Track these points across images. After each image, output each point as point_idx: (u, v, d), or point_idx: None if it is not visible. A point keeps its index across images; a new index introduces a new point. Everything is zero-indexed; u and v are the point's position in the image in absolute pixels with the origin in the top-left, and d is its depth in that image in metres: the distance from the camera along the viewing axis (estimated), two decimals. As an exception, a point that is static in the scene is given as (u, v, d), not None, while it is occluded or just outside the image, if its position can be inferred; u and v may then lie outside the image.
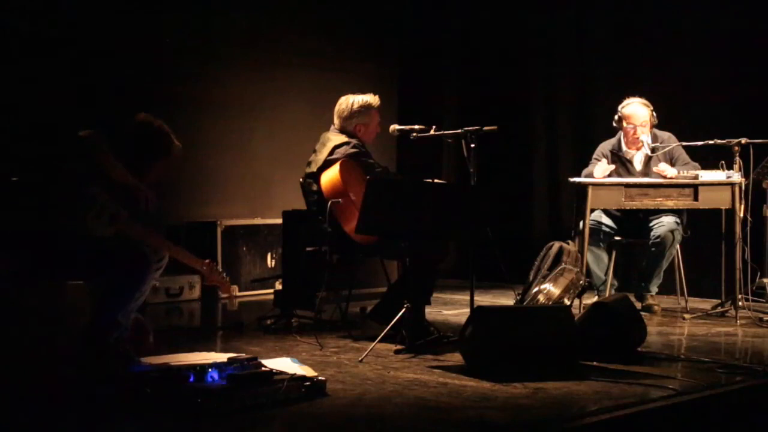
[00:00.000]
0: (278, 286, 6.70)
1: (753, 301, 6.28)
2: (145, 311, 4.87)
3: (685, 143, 6.38)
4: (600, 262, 6.47)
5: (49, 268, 4.31)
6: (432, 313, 6.01)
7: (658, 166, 6.25)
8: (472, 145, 5.18)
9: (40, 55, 6.34)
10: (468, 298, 5.14)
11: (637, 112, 6.42)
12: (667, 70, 7.44)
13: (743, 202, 6.02)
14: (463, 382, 4.19)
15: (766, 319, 5.91)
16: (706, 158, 6.32)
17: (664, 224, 6.29)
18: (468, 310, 5.00)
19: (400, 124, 5.68)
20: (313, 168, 5.50)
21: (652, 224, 6.36)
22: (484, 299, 6.87)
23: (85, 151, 4.33)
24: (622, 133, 6.52)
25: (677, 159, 6.42)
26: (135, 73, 6.72)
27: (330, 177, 5.36)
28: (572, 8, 8.24)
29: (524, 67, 8.57)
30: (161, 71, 7.03)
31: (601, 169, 6.29)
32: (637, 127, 6.40)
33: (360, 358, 4.65)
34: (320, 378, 3.93)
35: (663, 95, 6.73)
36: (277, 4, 7.91)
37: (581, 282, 5.80)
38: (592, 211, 6.25)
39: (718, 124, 6.73)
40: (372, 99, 5.62)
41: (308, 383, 3.86)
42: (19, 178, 4.51)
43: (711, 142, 6.07)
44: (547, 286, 5.69)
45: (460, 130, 5.28)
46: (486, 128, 5.23)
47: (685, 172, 6.14)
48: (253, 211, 7.62)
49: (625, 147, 6.51)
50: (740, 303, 6.03)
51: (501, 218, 6.98)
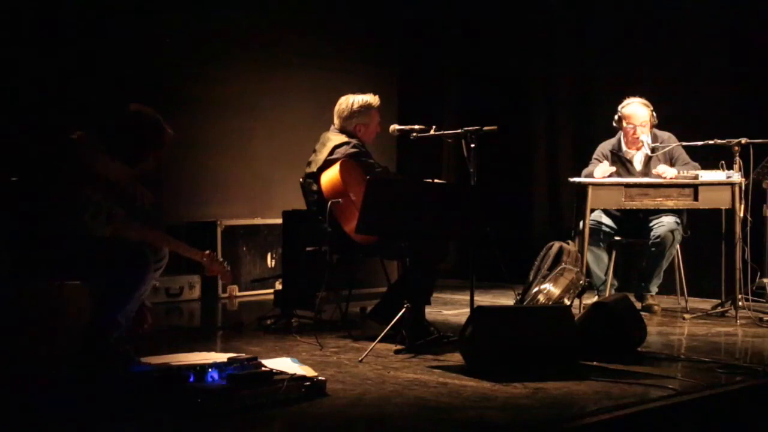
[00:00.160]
0: (278, 286, 6.70)
1: (753, 301, 6.28)
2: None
3: (685, 143, 6.38)
4: (600, 262, 6.47)
5: (49, 268, 4.32)
6: (432, 313, 6.01)
7: (657, 168, 6.25)
8: (472, 145, 5.18)
9: (39, 55, 6.34)
10: (468, 298, 5.13)
11: (637, 112, 6.43)
12: (667, 70, 7.44)
13: (743, 202, 6.02)
14: (463, 382, 4.18)
15: (766, 319, 5.91)
16: (706, 158, 6.31)
17: (664, 224, 6.29)
18: (468, 310, 4.99)
19: (400, 124, 5.68)
20: (313, 168, 5.50)
21: (652, 224, 6.36)
22: (484, 299, 6.87)
23: (78, 153, 4.33)
24: (622, 133, 6.52)
25: (677, 159, 6.42)
26: (135, 73, 6.72)
27: (330, 177, 5.36)
28: (572, 8, 8.24)
29: (524, 67, 8.57)
30: (161, 71, 7.03)
31: (602, 171, 6.28)
32: (637, 127, 6.40)
33: (360, 358, 4.65)
34: (320, 378, 3.93)
35: (663, 95, 6.74)
36: (277, 4, 7.91)
37: (581, 282, 5.80)
38: (592, 211, 6.25)
39: (718, 124, 6.72)
40: (372, 99, 5.62)
41: (308, 383, 3.86)
42: (19, 178, 4.52)
43: (711, 142, 6.07)
44: (547, 286, 5.69)
45: (460, 130, 5.28)
46: (486, 128, 5.22)
47: (685, 172, 6.14)
48: (253, 211, 7.62)
49: (625, 147, 6.51)
50: (740, 303, 6.03)
51: (501, 218, 6.99)
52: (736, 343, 5.43)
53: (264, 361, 3.97)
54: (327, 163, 5.43)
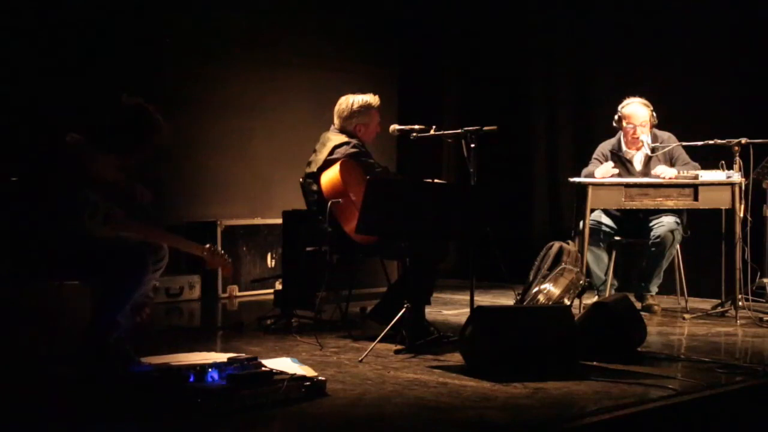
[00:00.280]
0: (278, 286, 6.70)
1: (753, 301, 6.28)
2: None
3: (685, 143, 6.38)
4: (600, 262, 6.47)
5: (48, 269, 4.31)
6: (432, 313, 6.00)
7: (656, 169, 6.24)
8: (472, 145, 5.18)
9: (39, 55, 6.34)
10: (468, 298, 5.13)
11: (637, 111, 6.43)
12: (667, 70, 7.44)
13: (743, 202, 6.03)
14: (463, 382, 4.18)
15: (766, 319, 5.91)
16: (706, 158, 6.31)
17: (664, 224, 6.29)
18: (468, 310, 4.99)
19: (400, 124, 5.69)
20: (313, 168, 5.50)
21: (652, 224, 6.36)
22: (484, 299, 6.87)
23: (74, 155, 4.33)
24: (622, 133, 6.52)
25: (677, 159, 6.42)
26: (135, 73, 6.71)
27: (330, 177, 5.36)
28: (572, 8, 8.24)
29: (524, 67, 8.57)
30: (161, 71, 7.03)
31: (602, 171, 6.28)
32: (636, 126, 6.40)
33: (360, 358, 4.65)
34: (320, 378, 3.93)
35: (663, 95, 6.73)
36: (277, 4, 7.91)
37: (581, 282, 5.80)
38: (592, 211, 6.25)
39: (718, 124, 6.72)
40: (372, 99, 5.62)
41: (308, 383, 3.86)
42: (18, 179, 4.51)
43: (711, 142, 6.07)
44: (547, 286, 5.69)
45: (460, 130, 5.28)
46: (486, 128, 5.23)
47: (685, 172, 6.14)
48: (253, 211, 7.62)
49: (625, 147, 6.51)
50: (740, 303, 6.03)
51: (501, 218, 6.99)
52: (736, 343, 5.43)
53: (264, 361, 3.97)
54: (327, 163, 5.43)
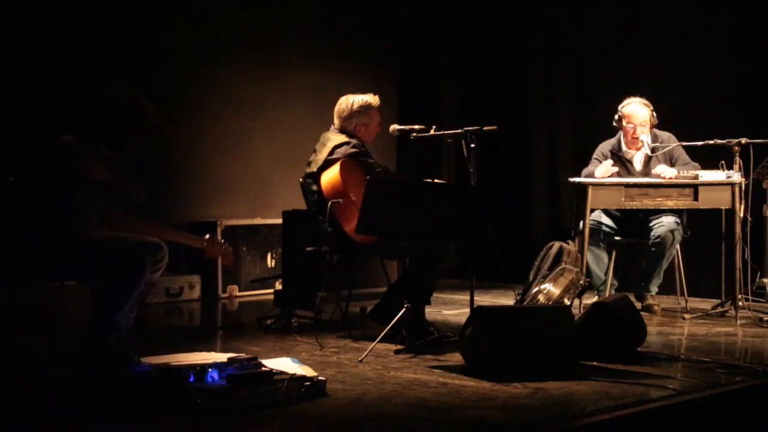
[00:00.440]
0: (278, 286, 6.70)
1: (753, 301, 6.28)
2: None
3: (685, 143, 6.38)
4: (600, 262, 6.47)
5: (47, 270, 4.31)
6: (432, 313, 6.00)
7: (656, 169, 6.24)
8: (472, 145, 5.18)
9: (38, 55, 6.34)
10: (468, 298, 5.13)
11: (637, 111, 6.43)
12: (667, 70, 7.44)
13: (743, 202, 6.02)
14: (463, 382, 4.19)
15: (766, 319, 5.91)
16: (706, 158, 6.31)
17: (664, 224, 6.29)
18: (468, 310, 4.99)
19: (400, 124, 5.68)
20: (313, 168, 5.50)
21: (652, 224, 6.36)
22: (484, 299, 6.87)
23: (68, 158, 4.32)
24: (622, 133, 6.52)
25: (677, 159, 6.42)
26: (135, 73, 6.71)
27: (330, 177, 5.35)
28: (572, 8, 8.24)
29: (524, 67, 8.57)
30: (161, 71, 7.03)
31: (602, 170, 6.28)
32: (637, 126, 6.40)
33: (360, 358, 4.65)
34: (320, 378, 3.93)
35: (663, 95, 6.73)
36: (277, 4, 7.91)
37: (581, 282, 5.80)
38: (592, 211, 6.25)
39: (718, 124, 6.72)
40: (372, 99, 5.62)
41: (308, 383, 3.86)
42: (17, 179, 4.51)
43: (711, 142, 6.07)
44: (547, 286, 5.69)
45: (460, 130, 5.28)
46: (486, 128, 5.23)
47: (685, 172, 6.14)
48: (253, 211, 7.62)
49: (625, 147, 6.51)
50: (740, 303, 6.03)
51: (501, 218, 6.98)
52: (736, 343, 5.43)
53: (264, 361, 3.97)
54: (327, 163, 5.43)
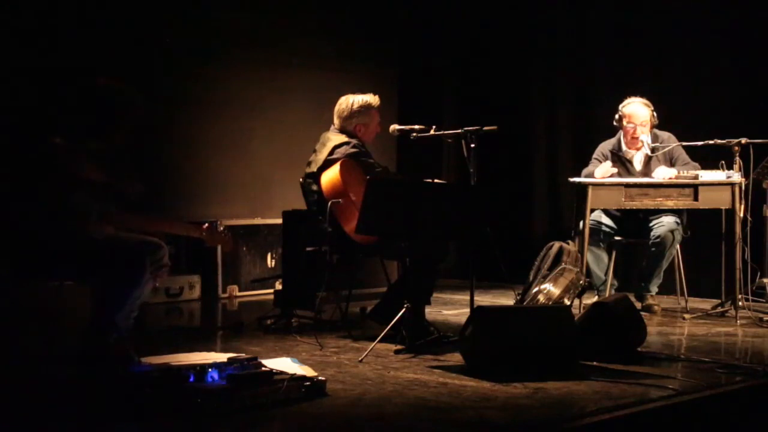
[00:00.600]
0: (278, 286, 6.70)
1: (753, 301, 6.28)
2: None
3: (685, 143, 6.38)
4: (600, 262, 6.47)
5: (47, 269, 4.31)
6: (432, 313, 6.00)
7: (656, 173, 6.23)
8: (472, 145, 5.19)
9: (38, 55, 6.33)
10: (468, 298, 5.14)
11: (637, 111, 6.43)
12: (667, 70, 7.44)
13: (743, 202, 6.03)
14: (463, 382, 4.19)
15: (766, 319, 5.91)
16: (706, 158, 6.31)
17: (664, 224, 6.29)
18: (468, 310, 5.00)
19: (400, 124, 5.69)
20: (313, 168, 5.50)
21: (652, 224, 6.36)
22: (484, 299, 6.87)
23: (61, 160, 4.31)
24: (622, 133, 6.52)
25: (677, 159, 6.42)
26: (135, 74, 6.70)
27: (330, 177, 5.36)
28: (572, 8, 8.24)
29: (524, 67, 8.57)
30: (161, 71, 7.03)
31: (602, 171, 6.28)
32: (637, 126, 6.40)
33: (360, 358, 4.65)
34: (320, 378, 3.93)
35: (663, 95, 6.73)
36: (277, 4, 7.91)
37: (581, 282, 5.80)
38: (592, 211, 6.25)
39: (718, 124, 6.72)
40: (372, 99, 5.62)
41: (308, 383, 3.86)
42: (16, 180, 4.51)
43: (711, 142, 6.07)
44: (547, 286, 5.69)
45: (460, 130, 5.28)
46: (486, 128, 5.23)
47: (685, 172, 6.14)
48: (253, 211, 7.62)
49: (625, 147, 6.51)
50: (740, 303, 6.03)
51: (501, 218, 6.98)
52: (736, 343, 5.43)
53: (264, 361, 3.97)
54: (327, 163, 5.43)
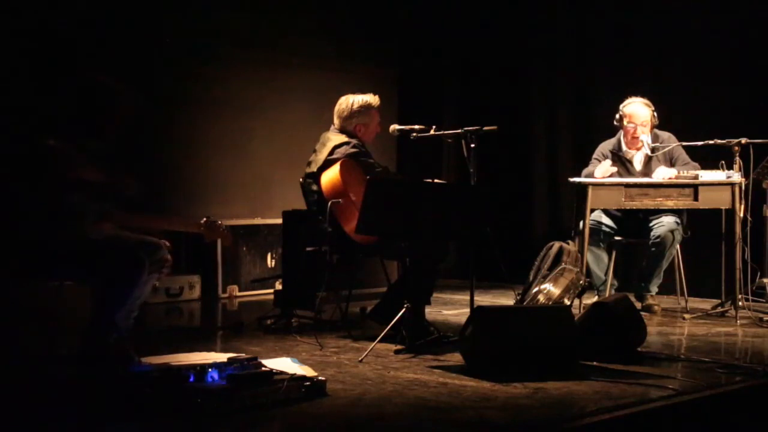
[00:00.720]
0: (278, 286, 6.70)
1: (753, 301, 6.28)
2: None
3: (685, 143, 6.38)
4: (600, 262, 6.47)
5: (47, 269, 4.31)
6: (432, 313, 6.00)
7: (656, 174, 6.23)
8: (472, 145, 5.19)
9: (37, 55, 6.34)
10: (468, 298, 5.14)
11: (638, 111, 6.43)
12: (667, 70, 7.44)
13: (743, 202, 6.02)
14: (463, 382, 4.19)
15: (766, 319, 5.91)
16: (706, 158, 6.31)
17: (664, 224, 6.29)
18: (468, 310, 5.00)
19: (400, 124, 5.68)
20: (313, 168, 5.50)
21: (652, 224, 6.36)
22: (484, 299, 6.87)
23: (56, 162, 4.31)
24: (623, 133, 6.52)
25: (677, 159, 6.42)
26: (135, 74, 6.70)
27: (330, 177, 5.36)
28: (573, 9, 8.24)
29: (524, 67, 8.57)
30: (161, 71, 7.03)
31: (602, 170, 6.28)
32: (637, 126, 6.41)
33: (360, 358, 4.65)
34: (320, 378, 3.93)
35: (663, 95, 6.73)
36: (277, 4, 7.91)
37: (581, 282, 5.80)
38: (592, 211, 6.25)
39: (718, 124, 6.73)
40: (372, 99, 5.62)
41: (308, 383, 3.86)
42: (15, 180, 4.51)
43: (711, 142, 6.07)
44: (547, 286, 5.69)
45: (460, 130, 5.28)
46: (486, 128, 5.23)
47: (685, 172, 6.14)
48: (253, 211, 7.62)
49: (625, 147, 6.51)
50: (740, 303, 6.03)
51: (501, 218, 6.99)
52: (736, 343, 5.43)
53: (264, 361, 3.97)
54: (327, 163, 5.43)
